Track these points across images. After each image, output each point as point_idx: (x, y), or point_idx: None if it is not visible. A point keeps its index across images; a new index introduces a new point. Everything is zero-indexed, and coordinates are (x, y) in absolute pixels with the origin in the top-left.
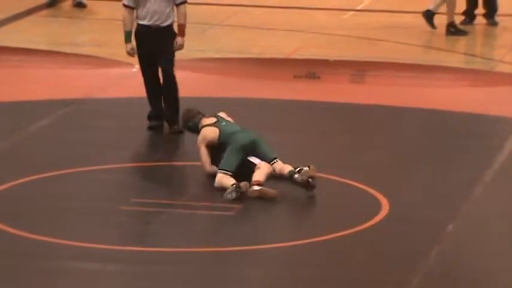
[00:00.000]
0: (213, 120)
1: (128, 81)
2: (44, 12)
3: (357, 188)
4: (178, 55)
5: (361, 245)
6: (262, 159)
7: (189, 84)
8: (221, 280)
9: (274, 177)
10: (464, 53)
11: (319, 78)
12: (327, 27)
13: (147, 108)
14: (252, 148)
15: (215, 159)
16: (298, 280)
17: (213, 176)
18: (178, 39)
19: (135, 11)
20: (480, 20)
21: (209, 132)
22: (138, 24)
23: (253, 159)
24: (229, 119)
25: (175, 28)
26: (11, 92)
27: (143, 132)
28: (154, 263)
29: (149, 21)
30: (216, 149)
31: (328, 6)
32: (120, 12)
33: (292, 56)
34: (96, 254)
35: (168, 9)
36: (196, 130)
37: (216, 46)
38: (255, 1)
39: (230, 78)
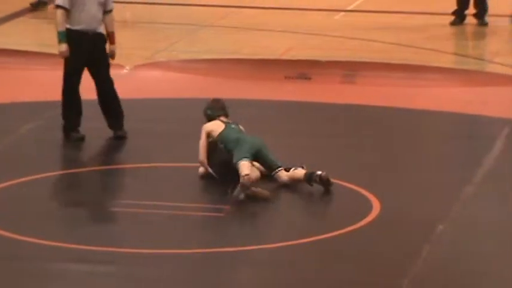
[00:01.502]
0: (230, 121)
1: (119, 82)
2: (32, 14)
3: (348, 189)
4: (169, 56)
5: (352, 245)
6: (267, 166)
7: (180, 85)
8: (212, 281)
9: (264, 179)
10: (455, 54)
11: (310, 79)
12: (318, 27)
13: (134, 110)
14: (258, 154)
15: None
16: (289, 281)
17: (202, 176)
18: (112, 47)
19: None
20: (470, 20)
21: (214, 125)
22: (72, 30)
23: None
24: (241, 128)
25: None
26: (1, 94)
27: (132, 134)
28: (144, 265)
29: (87, 26)
30: (211, 147)
31: (319, 7)
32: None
33: (284, 57)
34: (86, 256)
35: (101, 15)
36: (208, 118)
37: (207, 47)
38: (246, 2)
39: (221, 79)
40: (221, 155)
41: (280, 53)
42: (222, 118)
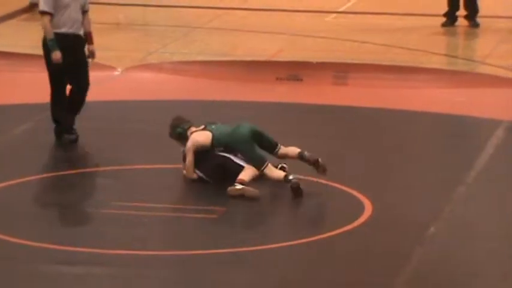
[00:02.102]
0: (202, 127)
1: (111, 84)
2: (25, 16)
3: (340, 190)
4: (161, 58)
5: (344, 246)
6: (267, 146)
7: (171, 86)
8: (204, 283)
9: (260, 179)
10: (446, 55)
11: (301, 80)
12: (309, 29)
13: (129, 112)
14: (257, 136)
15: (197, 164)
16: (282, 282)
17: (195, 179)
18: (92, 47)
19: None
20: (462, 22)
21: (200, 136)
22: (55, 33)
23: (239, 161)
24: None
25: None
26: None
27: (125, 135)
28: (137, 267)
29: (69, 29)
30: (201, 154)
31: (310, 9)
32: (99, 15)
33: (275, 59)
34: (79, 258)
35: (81, 17)
36: (184, 137)
37: (199, 49)
38: (237, 4)
39: (212, 81)
40: (214, 159)
41: (271, 54)
42: (194, 128)
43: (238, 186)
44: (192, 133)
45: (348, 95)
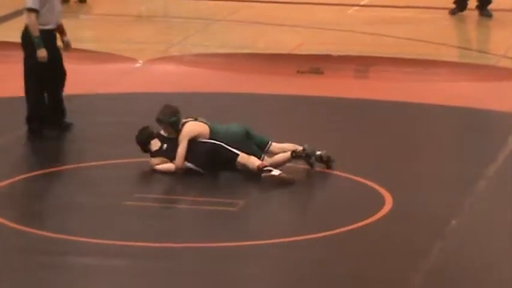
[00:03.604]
0: (191, 119)
1: (130, 76)
2: None
3: (361, 183)
4: (182, 50)
5: (364, 240)
6: (258, 144)
7: (192, 79)
8: (224, 276)
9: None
10: (467, 48)
11: (322, 73)
12: (330, 22)
13: (150, 104)
14: (249, 135)
15: (186, 154)
16: (301, 276)
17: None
18: (66, 38)
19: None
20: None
21: (199, 126)
22: (42, 30)
23: (231, 148)
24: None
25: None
26: (12, 88)
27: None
28: (157, 259)
29: (54, 25)
30: (190, 143)
31: (331, 2)
32: (121, 8)
33: (296, 52)
34: (99, 250)
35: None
36: (177, 125)
37: (220, 41)
38: None
39: (233, 74)
40: (203, 147)
41: (292, 47)
42: (187, 119)
43: (275, 172)
44: (185, 122)
45: (369, 88)
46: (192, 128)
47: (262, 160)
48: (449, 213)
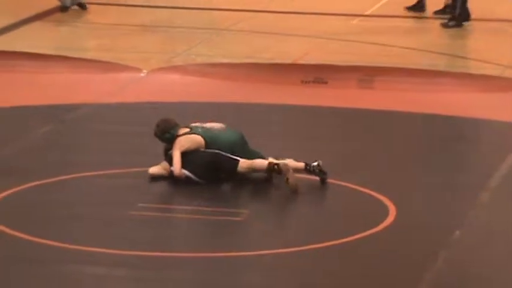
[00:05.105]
0: (187, 130)
1: (136, 85)
2: (52, 17)
3: (364, 194)
4: (187, 60)
5: (368, 250)
6: (250, 155)
7: (197, 88)
8: (230, 286)
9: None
10: (473, 59)
11: (327, 83)
12: (335, 32)
13: (154, 113)
14: (243, 143)
15: (188, 165)
16: (305, 286)
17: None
18: None
19: None
20: (490, 24)
21: (187, 141)
22: None
23: (231, 155)
24: (206, 125)
25: None
26: (18, 97)
27: (150, 137)
28: (161, 268)
29: None
30: (190, 154)
31: (336, 12)
32: (125, 17)
33: (300, 61)
34: (104, 259)
35: None
36: (172, 141)
37: (224, 51)
38: (263, 6)
39: (237, 83)
40: (204, 157)
41: (297, 57)
42: (181, 130)
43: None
44: (178, 135)
45: (374, 98)
46: (182, 143)
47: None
48: (453, 223)
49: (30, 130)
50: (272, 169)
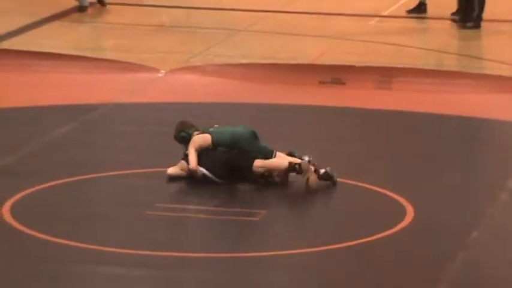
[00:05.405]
0: (201, 131)
1: (154, 85)
2: (70, 17)
3: (382, 194)
4: (204, 60)
5: (386, 251)
6: (262, 150)
7: (214, 89)
8: (247, 286)
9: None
10: (490, 60)
11: (344, 84)
12: (352, 32)
13: (172, 113)
14: (252, 138)
15: (206, 163)
16: (323, 286)
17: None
18: None
19: None
20: (501, 26)
21: (199, 138)
22: None
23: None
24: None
25: None
26: (37, 97)
27: (168, 137)
28: (179, 269)
29: None
30: (207, 153)
31: (354, 12)
32: (143, 17)
33: (318, 62)
34: (121, 259)
35: None
36: (187, 141)
37: (242, 52)
38: (280, 7)
39: (255, 84)
40: (221, 156)
41: (314, 57)
42: (196, 132)
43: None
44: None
45: (391, 99)
46: (195, 141)
47: (274, 155)
48: (471, 224)
49: (49, 130)
50: (293, 169)
